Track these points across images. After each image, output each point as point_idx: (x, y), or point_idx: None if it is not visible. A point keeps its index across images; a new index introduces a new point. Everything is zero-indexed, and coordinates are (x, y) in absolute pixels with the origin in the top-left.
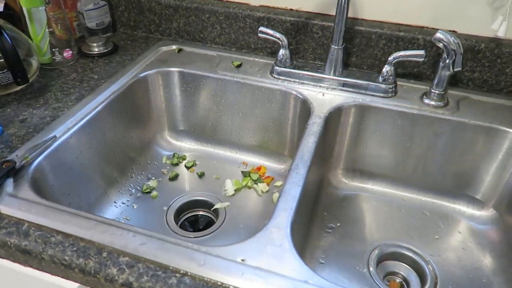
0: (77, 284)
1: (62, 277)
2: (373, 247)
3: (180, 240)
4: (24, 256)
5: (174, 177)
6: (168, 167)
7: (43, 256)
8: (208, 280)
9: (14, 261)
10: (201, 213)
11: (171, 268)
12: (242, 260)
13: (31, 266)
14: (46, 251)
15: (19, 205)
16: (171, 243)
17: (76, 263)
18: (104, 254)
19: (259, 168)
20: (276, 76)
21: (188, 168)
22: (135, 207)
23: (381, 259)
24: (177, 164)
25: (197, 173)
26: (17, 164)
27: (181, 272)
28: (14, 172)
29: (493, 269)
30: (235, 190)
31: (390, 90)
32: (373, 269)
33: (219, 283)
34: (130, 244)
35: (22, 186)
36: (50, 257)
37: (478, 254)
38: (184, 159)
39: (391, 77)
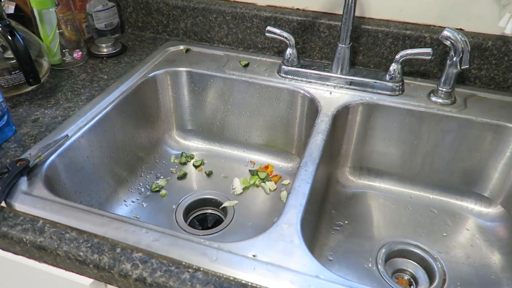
0: (91, 280)
1: (77, 273)
2: (381, 244)
3: (192, 236)
4: (40, 252)
5: (183, 176)
6: (176, 166)
7: (58, 252)
8: (221, 275)
9: (29, 257)
10: (209, 211)
11: (184, 263)
12: (254, 256)
13: (46, 262)
14: (61, 247)
15: (33, 203)
16: (184, 239)
17: (90, 259)
18: (118, 250)
19: (266, 167)
20: (283, 75)
21: (196, 167)
22: (144, 205)
23: (389, 257)
24: (185, 163)
25: (205, 172)
26: (31, 163)
27: (194, 267)
28: (28, 170)
29: (502, 265)
30: (243, 189)
31: (397, 88)
32: (382, 266)
33: (231, 278)
34: (143, 240)
35: (36, 184)
36: (65, 253)
37: (486, 251)
38: (192, 158)
39: (398, 75)
